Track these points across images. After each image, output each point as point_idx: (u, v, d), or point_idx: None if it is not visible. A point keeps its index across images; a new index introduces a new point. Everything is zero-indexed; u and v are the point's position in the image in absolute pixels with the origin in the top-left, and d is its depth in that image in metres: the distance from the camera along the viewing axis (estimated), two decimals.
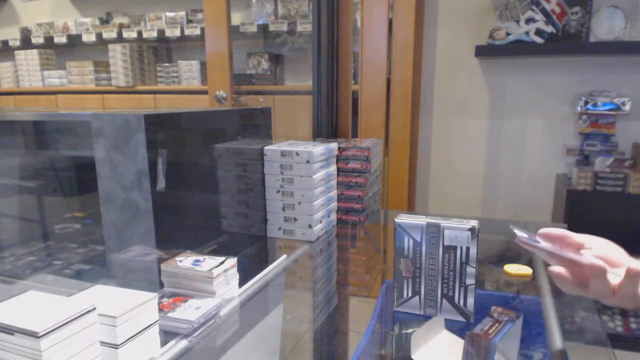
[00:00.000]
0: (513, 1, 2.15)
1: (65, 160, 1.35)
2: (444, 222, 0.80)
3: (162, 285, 0.87)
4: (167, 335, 0.75)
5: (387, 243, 1.42)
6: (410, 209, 2.47)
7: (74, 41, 3.44)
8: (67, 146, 1.29)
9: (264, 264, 1.10)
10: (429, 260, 0.82)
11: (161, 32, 3.16)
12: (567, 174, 2.25)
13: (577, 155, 2.17)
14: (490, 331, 0.70)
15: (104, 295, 0.67)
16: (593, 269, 0.55)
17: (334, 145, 1.38)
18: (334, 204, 1.39)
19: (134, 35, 3.21)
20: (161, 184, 0.91)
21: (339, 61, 1.91)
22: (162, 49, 3.39)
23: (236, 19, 2.92)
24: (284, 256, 1.14)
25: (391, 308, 0.88)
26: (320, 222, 1.29)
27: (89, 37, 3.36)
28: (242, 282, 0.93)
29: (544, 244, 0.66)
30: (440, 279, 0.82)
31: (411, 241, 0.83)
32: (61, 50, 3.58)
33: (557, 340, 0.76)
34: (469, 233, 0.78)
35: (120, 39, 3.26)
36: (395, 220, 0.83)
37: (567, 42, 2.11)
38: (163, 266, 0.87)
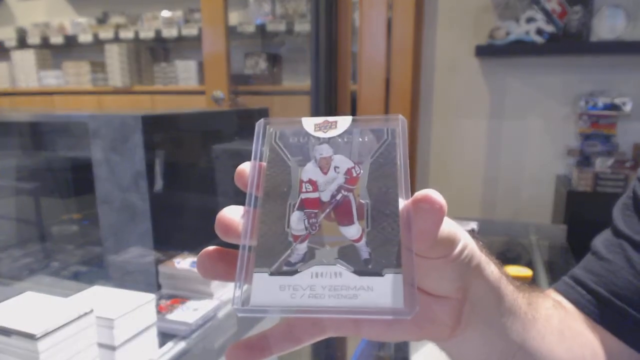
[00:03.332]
0: (513, 0, 2.14)
1: (63, 161, 1.34)
2: None
3: (159, 287, 0.87)
4: (165, 337, 0.75)
5: None
6: None
7: (71, 41, 3.42)
8: (64, 147, 1.28)
9: None
10: None
11: (158, 32, 3.14)
12: (567, 175, 2.24)
13: (577, 156, 2.16)
14: None
15: (101, 297, 0.66)
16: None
17: None
18: None
19: (131, 35, 3.20)
20: (158, 185, 0.90)
21: (338, 61, 1.90)
22: (159, 49, 3.38)
23: (234, 18, 2.90)
24: None
25: None
26: None
27: (85, 38, 3.35)
28: None
29: None
30: None
31: None
32: (57, 50, 3.56)
33: None
34: None
35: (116, 39, 3.24)
36: None
37: (567, 42, 2.09)
38: (161, 268, 0.87)
